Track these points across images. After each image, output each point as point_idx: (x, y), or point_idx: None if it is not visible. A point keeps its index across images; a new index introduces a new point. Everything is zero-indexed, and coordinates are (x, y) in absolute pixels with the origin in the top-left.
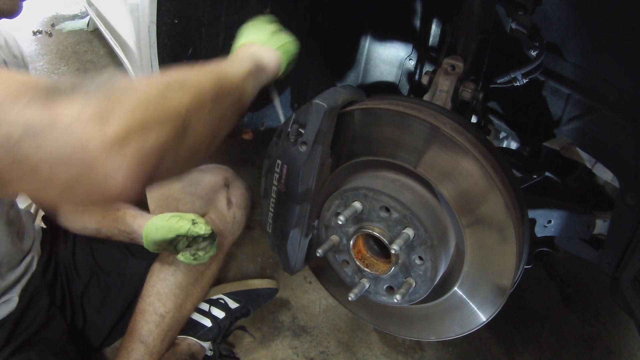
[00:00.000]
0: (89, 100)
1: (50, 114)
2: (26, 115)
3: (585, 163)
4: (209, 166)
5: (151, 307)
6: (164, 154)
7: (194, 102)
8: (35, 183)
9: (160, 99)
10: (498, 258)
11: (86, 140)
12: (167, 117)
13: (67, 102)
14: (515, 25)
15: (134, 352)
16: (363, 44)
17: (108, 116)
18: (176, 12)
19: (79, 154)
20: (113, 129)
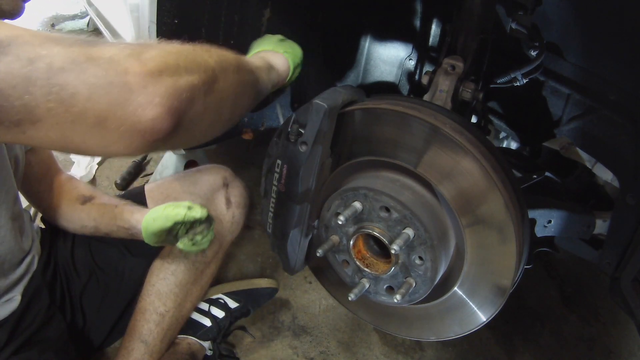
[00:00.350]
0: (126, 45)
1: (92, 50)
2: (70, 51)
3: (585, 163)
4: (208, 166)
5: (151, 306)
6: (194, 97)
7: (220, 63)
8: (70, 113)
9: (191, 53)
10: (498, 258)
11: (126, 68)
12: (197, 66)
13: (107, 45)
14: (515, 25)
15: (134, 352)
16: (363, 44)
17: (145, 54)
18: (176, 12)
19: (119, 79)
20: (151, 63)
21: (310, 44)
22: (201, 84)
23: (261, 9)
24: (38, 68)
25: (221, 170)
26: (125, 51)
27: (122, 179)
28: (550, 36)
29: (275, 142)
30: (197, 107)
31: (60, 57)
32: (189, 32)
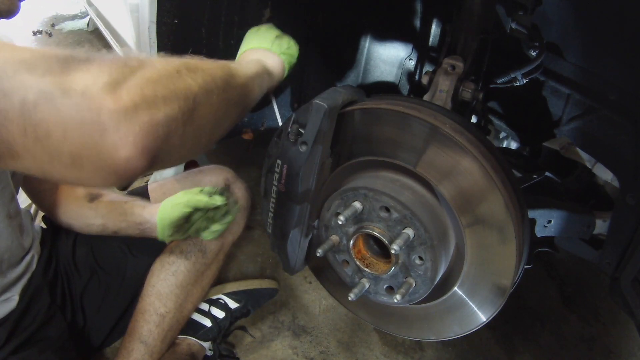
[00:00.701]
0: (103, 70)
1: (66, 80)
2: (43, 82)
3: (585, 163)
4: (210, 167)
5: (151, 307)
6: (171, 131)
7: (204, 87)
8: (46, 151)
9: (172, 78)
10: (498, 258)
11: (99, 105)
12: (177, 96)
13: (82, 71)
14: (515, 25)
15: (134, 352)
16: (363, 44)
17: (121, 86)
18: (176, 12)
19: (92, 117)
20: (125, 97)
21: (310, 43)
22: (180, 115)
23: (261, 9)
24: (12, 103)
25: (223, 172)
26: (101, 80)
27: None
28: (550, 36)
29: (275, 142)
30: (174, 140)
31: (33, 90)
32: (189, 32)
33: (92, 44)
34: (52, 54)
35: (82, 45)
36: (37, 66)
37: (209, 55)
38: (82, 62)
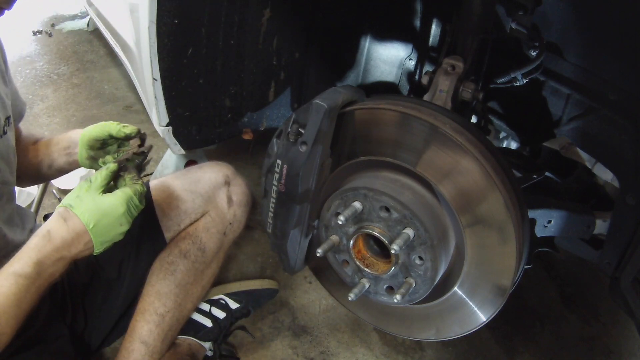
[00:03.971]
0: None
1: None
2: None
3: (585, 163)
4: (210, 163)
5: (151, 306)
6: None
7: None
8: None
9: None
10: (498, 258)
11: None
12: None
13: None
14: (515, 25)
15: (134, 352)
16: (363, 44)
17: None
18: (176, 12)
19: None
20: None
21: (310, 43)
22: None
23: (261, 9)
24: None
25: (223, 168)
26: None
27: None
28: (550, 36)
29: (275, 142)
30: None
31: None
32: (189, 32)
33: (92, 44)
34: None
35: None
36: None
37: (209, 56)
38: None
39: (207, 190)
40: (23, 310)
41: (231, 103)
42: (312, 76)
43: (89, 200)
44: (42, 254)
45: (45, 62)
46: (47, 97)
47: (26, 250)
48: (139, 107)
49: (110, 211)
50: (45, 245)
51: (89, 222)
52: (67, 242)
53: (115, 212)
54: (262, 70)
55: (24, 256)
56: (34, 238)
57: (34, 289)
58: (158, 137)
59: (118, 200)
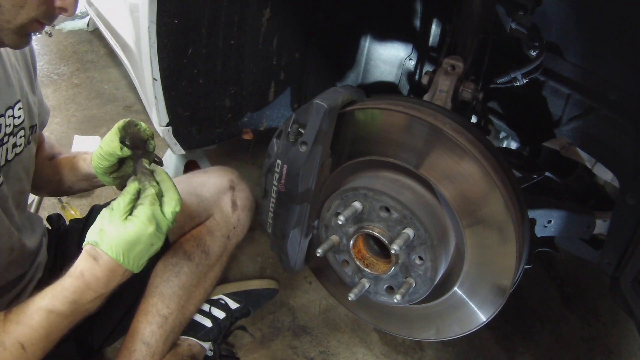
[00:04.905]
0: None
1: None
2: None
3: (585, 163)
4: (215, 168)
5: (154, 308)
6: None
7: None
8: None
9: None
10: (498, 258)
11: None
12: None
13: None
14: (515, 25)
15: (135, 353)
16: (363, 44)
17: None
18: (176, 12)
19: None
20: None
21: (310, 43)
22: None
23: (261, 9)
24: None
25: (228, 173)
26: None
27: None
28: (550, 36)
29: (275, 142)
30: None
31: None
32: (189, 32)
33: (92, 44)
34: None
35: (82, 46)
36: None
37: (209, 55)
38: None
39: (212, 194)
40: (51, 342)
41: (231, 103)
42: (312, 76)
43: (114, 233)
44: (78, 295)
45: (45, 62)
46: (47, 97)
47: (60, 289)
48: (139, 107)
49: (138, 238)
50: (80, 287)
51: (118, 257)
52: (102, 282)
53: (144, 236)
54: (262, 70)
55: (59, 294)
56: (67, 278)
57: (65, 324)
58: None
59: (143, 224)
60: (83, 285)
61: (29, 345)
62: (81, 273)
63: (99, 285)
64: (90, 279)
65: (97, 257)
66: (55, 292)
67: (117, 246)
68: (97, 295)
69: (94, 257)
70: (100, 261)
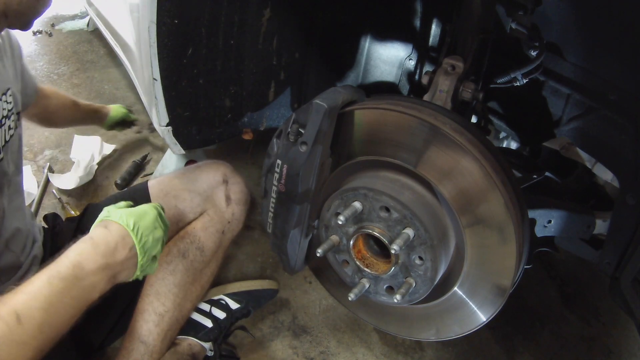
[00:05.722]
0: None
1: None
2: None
3: (585, 163)
4: (208, 162)
5: (150, 306)
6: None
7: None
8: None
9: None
10: (498, 258)
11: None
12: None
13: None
14: (515, 25)
15: (133, 352)
16: (363, 44)
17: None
18: (176, 12)
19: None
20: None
21: (310, 43)
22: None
23: (261, 9)
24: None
25: (221, 167)
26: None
27: (122, 179)
28: (550, 36)
29: (275, 142)
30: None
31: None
32: (189, 32)
33: (92, 44)
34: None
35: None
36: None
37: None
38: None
39: (205, 189)
40: (52, 320)
41: (231, 103)
42: (312, 76)
43: (122, 209)
44: (84, 256)
45: (45, 62)
46: None
47: (65, 253)
48: (139, 107)
49: (144, 214)
50: (87, 249)
51: (129, 223)
52: (111, 247)
53: (149, 215)
54: (262, 70)
55: (63, 258)
56: (75, 245)
57: (69, 297)
58: (158, 137)
59: (147, 207)
60: (90, 248)
61: (26, 316)
62: (90, 237)
63: (107, 251)
64: (98, 242)
65: (107, 225)
66: (60, 258)
67: (126, 215)
68: (104, 263)
69: (104, 225)
70: (110, 227)
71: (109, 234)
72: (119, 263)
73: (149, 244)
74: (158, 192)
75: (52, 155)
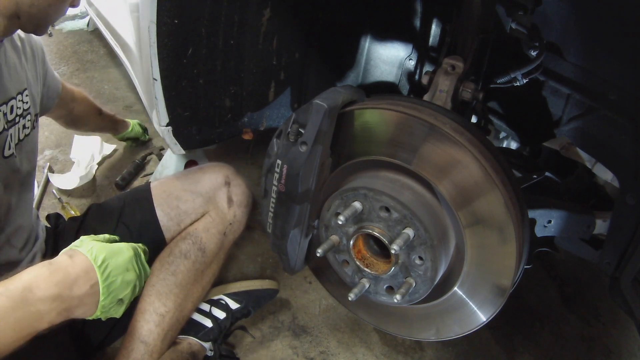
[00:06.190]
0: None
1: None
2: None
3: (585, 163)
4: (210, 164)
5: (151, 306)
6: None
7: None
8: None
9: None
10: (498, 258)
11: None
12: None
13: None
14: (515, 25)
15: (134, 352)
16: (363, 44)
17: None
18: (176, 12)
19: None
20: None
21: (310, 44)
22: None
23: (261, 9)
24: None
25: (223, 169)
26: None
27: (122, 179)
28: (550, 36)
29: (275, 142)
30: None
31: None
32: (189, 32)
33: (92, 44)
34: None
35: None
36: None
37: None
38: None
39: (207, 191)
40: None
41: (231, 103)
42: (312, 76)
43: (95, 242)
44: (37, 281)
45: None
46: None
47: (21, 273)
48: (139, 107)
49: (119, 251)
50: (43, 274)
51: (97, 257)
52: (70, 278)
53: (123, 254)
54: (262, 70)
55: (16, 277)
56: (34, 266)
57: (12, 318)
58: (158, 137)
59: (125, 245)
60: (46, 273)
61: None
62: (50, 262)
63: (64, 281)
64: (57, 269)
65: (72, 255)
66: (14, 276)
67: (96, 249)
68: (57, 293)
69: (70, 255)
70: (75, 258)
71: (71, 265)
72: (75, 297)
73: (115, 285)
74: (161, 193)
75: (52, 155)
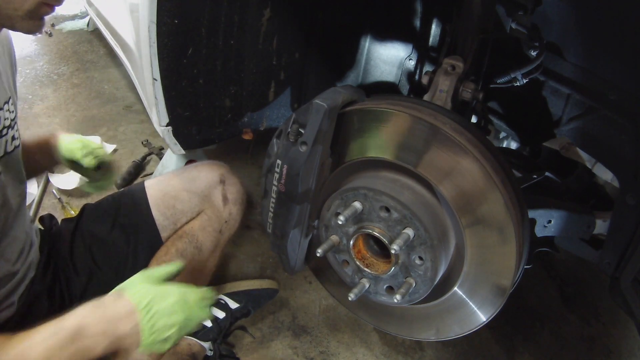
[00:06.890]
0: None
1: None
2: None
3: (585, 163)
4: (205, 162)
5: None
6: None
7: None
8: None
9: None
10: (498, 258)
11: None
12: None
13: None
14: (515, 25)
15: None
16: (363, 44)
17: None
18: (176, 12)
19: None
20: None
21: (310, 44)
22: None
23: (261, 9)
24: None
25: (218, 167)
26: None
27: (122, 179)
28: (550, 36)
29: (275, 142)
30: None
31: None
32: (189, 32)
33: (92, 44)
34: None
35: (82, 46)
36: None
37: (209, 56)
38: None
39: (202, 189)
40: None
41: (231, 103)
42: (312, 76)
43: (142, 285)
44: (87, 319)
45: (45, 62)
46: (47, 97)
47: (74, 312)
48: (139, 107)
49: (166, 295)
50: (94, 312)
51: (141, 301)
52: (116, 316)
53: (170, 297)
54: (262, 70)
55: (68, 315)
56: (86, 305)
57: (66, 353)
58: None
59: (174, 289)
60: (97, 311)
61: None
62: (101, 301)
63: (111, 318)
64: (107, 308)
65: (121, 295)
66: (65, 315)
67: (143, 293)
68: (103, 329)
69: (119, 295)
70: (122, 298)
71: (117, 305)
72: (119, 336)
73: (157, 327)
74: (157, 193)
75: None
